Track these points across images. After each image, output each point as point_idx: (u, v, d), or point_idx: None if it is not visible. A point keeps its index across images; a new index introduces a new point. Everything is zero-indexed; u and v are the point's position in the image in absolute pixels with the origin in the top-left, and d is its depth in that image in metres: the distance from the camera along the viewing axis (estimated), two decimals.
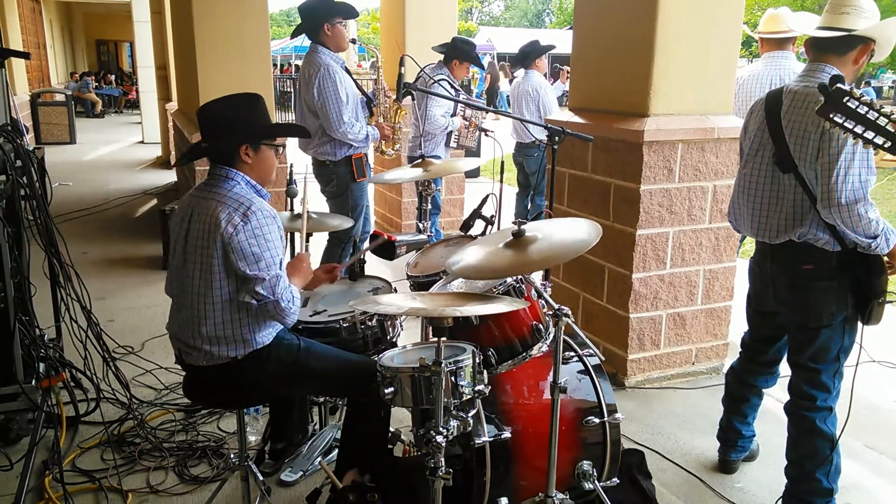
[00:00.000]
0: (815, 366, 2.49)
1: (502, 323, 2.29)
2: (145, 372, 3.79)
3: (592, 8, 3.87)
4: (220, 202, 2.19)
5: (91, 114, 19.93)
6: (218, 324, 2.23)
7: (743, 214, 2.60)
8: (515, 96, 6.34)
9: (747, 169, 2.56)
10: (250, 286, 2.18)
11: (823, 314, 2.42)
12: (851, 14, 2.36)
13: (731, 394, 2.94)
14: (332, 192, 4.32)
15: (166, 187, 9.10)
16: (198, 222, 2.22)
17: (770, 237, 2.49)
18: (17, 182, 2.95)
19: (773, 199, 2.47)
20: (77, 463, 2.99)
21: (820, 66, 2.40)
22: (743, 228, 2.65)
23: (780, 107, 2.43)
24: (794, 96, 2.40)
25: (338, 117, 4.05)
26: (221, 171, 2.27)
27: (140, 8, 12.57)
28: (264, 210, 2.21)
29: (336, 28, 4.16)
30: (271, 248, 2.19)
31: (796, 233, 2.40)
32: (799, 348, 2.53)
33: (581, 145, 3.77)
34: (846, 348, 2.48)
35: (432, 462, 1.96)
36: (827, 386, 2.50)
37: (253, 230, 2.16)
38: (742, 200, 2.59)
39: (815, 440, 2.51)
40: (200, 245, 2.20)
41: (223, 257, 2.17)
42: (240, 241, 2.15)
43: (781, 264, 2.50)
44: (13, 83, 10.76)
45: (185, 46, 5.94)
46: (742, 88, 4.16)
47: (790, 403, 2.59)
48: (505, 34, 32.61)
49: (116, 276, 5.57)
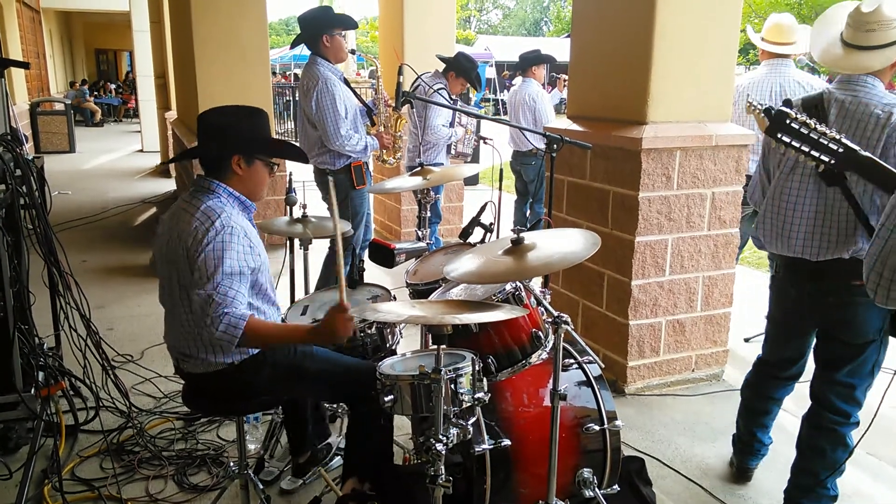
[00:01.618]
0: (850, 381, 2.47)
1: (502, 330, 2.29)
2: (144, 380, 3.78)
3: (590, 16, 3.88)
4: (192, 215, 2.19)
5: (90, 123, 19.95)
6: (205, 339, 2.22)
7: (777, 233, 2.48)
8: (512, 104, 6.35)
9: (788, 184, 2.44)
10: (197, 299, 2.11)
11: (870, 330, 2.38)
12: (878, 30, 2.31)
13: (752, 408, 2.88)
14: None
15: (165, 196, 9.11)
16: (175, 235, 2.21)
17: (814, 254, 2.39)
18: (17, 191, 2.95)
19: (818, 215, 2.38)
20: (76, 472, 2.98)
21: (863, 78, 2.34)
22: (776, 247, 2.52)
23: (827, 116, 2.34)
24: (841, 105, 2.34)
25: (335, 130, 4.07)
26: (205, 182, 2.27)
27: (139, 17, 12.61)
28: (228, 226, 2.15)
29: (335, 39, 4.17)
30: (224, 265, 2.11)
31: (849, 249, 2.33)
32: (837, 365, 2.47)
33: (579, 153, 3.78)
34: (879, 362, 2.47)
35: (432, 470, 1.96)
36: (860, 401, 2.50)
37: (207, 244, 2.11)
38: (778, 218, 2.47)
39: (840, 452, 2.51)
40: (178, 257, 2.19)
41: (189, 271, 2.15)
42: (194, 255, 2.12)
43: (827, 282, 2.41)
44: (13, 92, 10.78)
45: (185, 55, 5.96)
46: (742, 95, 4.16)
47: (819, 417, 2.53)
48: (503, 43, 32.68)
49: (116, 284, 5.57)
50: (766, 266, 5.23)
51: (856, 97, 2.33)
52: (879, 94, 2.33)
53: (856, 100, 2.33)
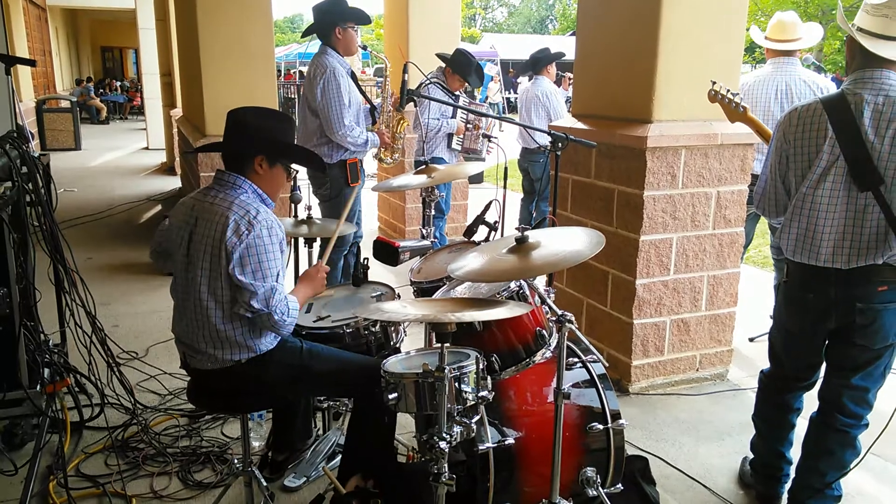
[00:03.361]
0: (864, 384, 2.45)
1: (506, 329, 2.30)
2: (149, 377, 3.79)
3: (595, 14, 3.87)
4: (228, 208, 2.20)
5: (96, 120, 20.00)
6: (220, 329, 2.24)
7: (806, 245, 2.39)
8: (523, 102, 6.36)
9: (818, 192, 2.34)
10: (245, 298, 2.17)
11: (890, 334, 2.36)
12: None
13: (775, 425, 2.74)
14: (325, 196, 4.34)
15: (171, 193, 9.13)
16: (203, 227, 2.22)
17: (844, 262, 2.32)
18: (23, 188, 2.96)
19: (849, 222, 2.30)
20: (81, 468, 2.99)
21: (886, 73, 2.27)
22: (803, 257, 2.41)
23: (855, 119, 2.25)
24: (875, 107, 2.24)
25: (339, 119, 4.09)
26: (230, 177, 2.29)
27: (145, 15, 12.64)
28: (269, 220, 2.22)
29: (347, 32, 4.20)
30: (270, 260, 2.19)
31: (884, 254, 2.27)
32: (853, 369, 2.44)
33: (584, 151, 3.78)
34: (890, 365, 2.46)
35: (436, 468, 1.96)
36: (871, 403, 2.49)
37: (255, 240, 2.17)
38: (807, 230, 2.38)
39: (849, 454, 2.51)
40: (205, 250, 2.21)
41: (225, 264, 2.17)
42: (241, 251, 2.16)
43: (855, 288, 2.34)
44: (19, 90, 10.81)
45: (190, 53, 5.96)
46: (748, 94, 4.14)
47: (831, 419, 2.50)
48: (508, 41, 32.67)
49: (121, 281, 5.58)
50: (770, 265, 5.21)
51: (888, 97, 2.25)
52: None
53: (889, 100, 2.24)
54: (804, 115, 2.38)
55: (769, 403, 2.77)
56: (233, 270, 2.16)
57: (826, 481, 2.52)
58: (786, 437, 2.75)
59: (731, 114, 2.94)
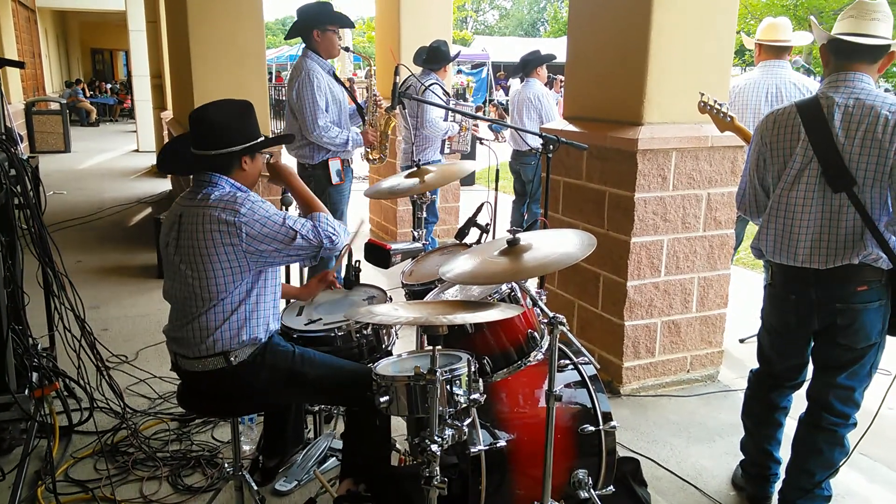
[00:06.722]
0: (850, 383, 2.46)
1: (498, 331, 2.29)
2: (139, 381, 3.77)
3: (586, 17, 3.89)
4: (207, 208, 2.21)
5: (85, 122, 19.89)
6: (212, 327, 2.24)
7: (782, 245, 2.43)
8: (515, 104, 6.36)
9: (792, 194, 2.38)
10: (294, 250, 2.25)
11: (873, 333, 2.38)
12: (882, 21, 2.28)
13: (763, 423, 2.77)
14: None
15: (161, 196, 9.09)
16: (186, 230, 2.23)
17: (822, 262, 2.35)
18: (11, 191, 2.94)
19: (825, 222, 2.33)
20: (70, 473, 2.97)
21: (857, 76, 2.30)
22: (780, 258, 2.46)
23: (827, 121, 2.29)
24: (845, 110, 2.28)
25: (312, 120, 4.13)
26: (206, 176, 2.30)
27: (135, 17, 12.59)
28: (248, 195, 2.27)
29: (326, 35, 4.22)
30: (273, 215, 2.24)
31: (860, 255, 2.29)
32: (838, 368, 2.46)
33: (576, 154, 3.78)
34: (876, 363, 2.47)
35: (427, 471, 1.96)
36: (858, 402, 2.50)
37: (252, 214, 2.20)
38: (783, 230, 2.42)
39: (837, 453, 2.52)
40: (190, 251, 2.21)
41: (233, 258, 2.20)
42: (248, 231, 2.19)
43: (834, 289, 2.37)
44: (8, 92, 10.74)
45: (181, 55, 5.94)
46: (738, 97, 4.17)
47: (818, 419, 2.51)
48: (500, 43, 32.66)
49: (110, 284, 5.55)
50: (760, 267, 5.24)
51: (858, 99, 2.28)
52: (878, 94, 2.29)
53: (858, 102, 2.27)
54: (780, 118, 2.43)
55: (757, 401, 2.79)
56: (266, 248, 2.21)
57: (815, 481, 2.53)
58: (774, 436, 2.77)
59: (719, 123, 3.06)
